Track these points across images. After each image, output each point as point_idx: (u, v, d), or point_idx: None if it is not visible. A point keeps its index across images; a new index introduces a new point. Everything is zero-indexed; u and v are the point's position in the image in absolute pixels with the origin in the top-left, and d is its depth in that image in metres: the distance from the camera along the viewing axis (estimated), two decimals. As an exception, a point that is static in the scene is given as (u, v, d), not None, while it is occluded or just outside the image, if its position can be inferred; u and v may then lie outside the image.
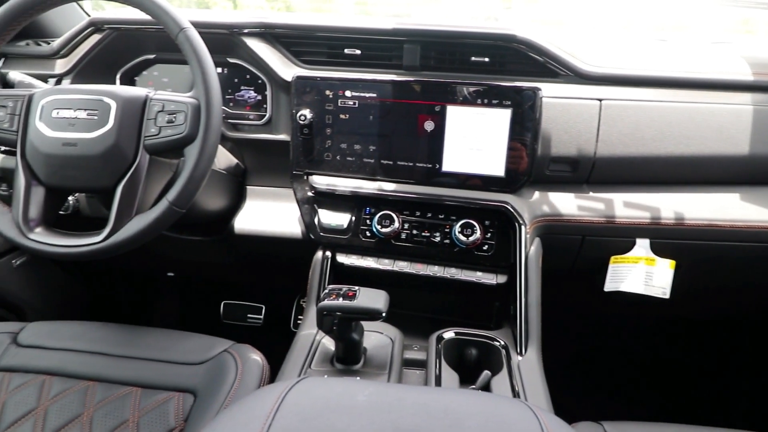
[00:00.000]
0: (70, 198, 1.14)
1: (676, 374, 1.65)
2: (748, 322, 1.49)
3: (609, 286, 1.09)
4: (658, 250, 1.06)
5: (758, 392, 1.48)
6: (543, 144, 1.04)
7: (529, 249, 1.01)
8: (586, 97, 1.05)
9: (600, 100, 1.04)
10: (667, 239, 1.06)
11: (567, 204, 1.07)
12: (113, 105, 0.83)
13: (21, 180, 0.84)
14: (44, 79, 1.16)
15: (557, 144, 1.05)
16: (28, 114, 0.85)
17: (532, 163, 1.02)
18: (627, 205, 1.06)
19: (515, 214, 1.02)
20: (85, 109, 0.83)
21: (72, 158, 0.82)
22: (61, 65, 1.19)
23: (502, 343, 0.93)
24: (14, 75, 1.05)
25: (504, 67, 1.08)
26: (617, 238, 1.07)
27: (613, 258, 1.08)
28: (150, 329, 0.97)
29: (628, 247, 1.07)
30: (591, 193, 1.08)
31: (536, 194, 1.08)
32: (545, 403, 0.80)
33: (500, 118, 1.01)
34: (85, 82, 1.17)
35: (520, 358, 0.91)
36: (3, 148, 1.15)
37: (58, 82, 1.18)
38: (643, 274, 1.06)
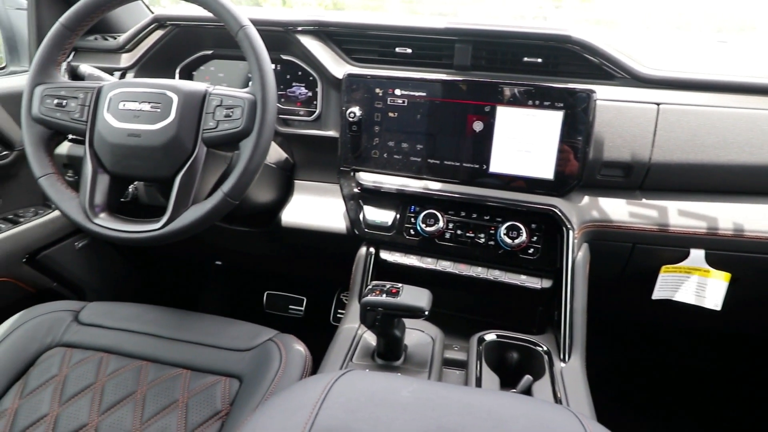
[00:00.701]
0: (129, 186, 1.20)
1: (721, 389, 1.58)
2: None
3: (658, 294, 1.06)
4: (714, 261, 1.02)
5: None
6: (595, 148, 1.01)
7: (577, 254, 0.99)
8: (643, 100, 1.01)
9: (658, 104, 1.01)
10: (724, 251, 1.01)
11: (618, 210, 1.04)
12: (175, 99, 0.86)
13: (88, 168, 0.89)
14: (110, 72, 1.22)
15: (610, 148, 1.02)
16: (97, 105, 0.90)
17: (582, 166, 1.00)
18: (682, 214, 1.02)
19: (563, 218, 1.00)
20: (149, 102, 0.87)
21: (135, 148, 0.86)
22: (125, 59, 1.25)
23: (545, 348, 0.92)
24: (84, 68, 1.11)
25: (557, 68, 1.06)
26: (670, 247, 1.03)
27: (664, 267, 1.05)
28: (200, 315, 1.01)
29: (681, 257, 1.03)
30: (644, 200, 1.04)
31: (586, 199, 1.05)
32: (589, 411, 0.79)
33: (551, 120, 0.99)
34: (146, 76, 1.23)
35: (563, 364, 0.90)
36: (71, 136, 1.23)
37: (123, 76, 1.24)
38: (695, 285, 1.03)
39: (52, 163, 0.92)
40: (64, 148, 1.26)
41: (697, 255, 1.02)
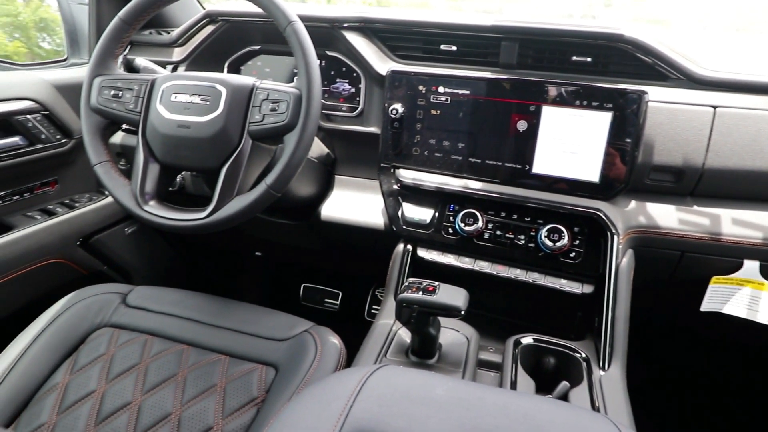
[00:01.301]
0: (178, 176, 1.24)
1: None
2: None
3: (707, 305, 1.01)
4: (769, 274, 0.97)
5: None
6: (645, 151, 0.98)
7: (621, 260, 0.96)
8: (699, 103, 0.97)
9: (714, 107, 0.96)
10: None
11: (667, 216, 1.00)
12: (224, 92, 0.88)
13: (140, 157, 0.93)
14: (163, 65, 1.26)
15: (661, 152, 0.98)
16: (150, 97, 0.94)
17: (631, 170, 0.96)
18: (736, 223, 0.97)
19: (608, 222, 0.97)
20: (200, 95, 0.89)
21: (185, 139, 0.89)
22: (178, 53, 1.29)
23: (584, 355, 0.89)
24: (140, 61, 1.16)
25: (607, 68, 1.03)
26: (722, 257, 0.99)
27: (714, 278, 1.00)
28: (240, 303, 1.03)
29: (734, 268, 0.98)
30: (695, 207, 1.00)
31: (632, 203, 1.02)
32: (628, 422, 0.76)
33: (599, 122, 0.97)
34: (197, 70, 1.27)
35: (602, 372, 0.87)
36: (125, 126, 1.28)
37: (174, 69, 1.29)
38: (748, 298, 0.98)
39: (107, 152, 0.97)
40: (117, 137, 1.32)
41: (751, 266, 0.97)
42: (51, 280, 1.24)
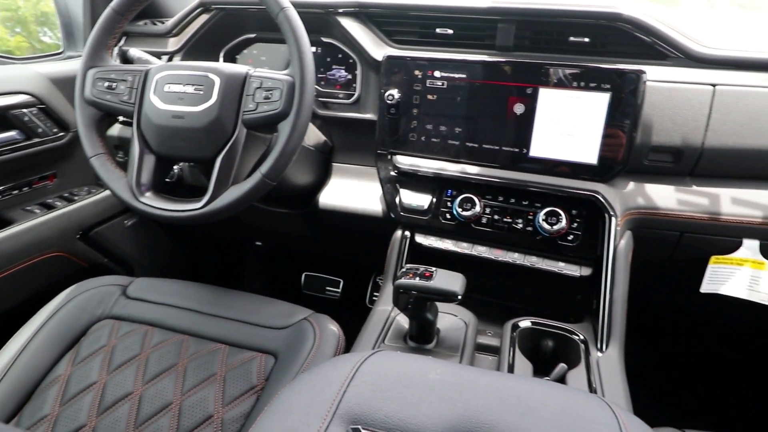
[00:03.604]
0: (175, 167, 1.24)
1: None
2: None
3: (706, 287, 1.01)
4: (769, 253, 0.96)
5: None
6: (643, 132, 0.97)
7: (619, 242, 0.96)
8: (698, 81, 0.96)
9: (713, 85, 0.95)
10: None
11: (666, 197, 0.99)
12: (217, 81, 0.88)
13: (136, 148, 0.92)
14: (158, 56, 1.26)
15: (659, 132, 0.97)
16: (144, 88, 0.93)
17: (629, 151, 0.95)
18: (735, 202, 0.96)
19: (606, 204, 0.96)
20: (193, 84, 0.89)
21: (179, 130, 0.89)
22: (173, 43, 1.28)
23: (582, 337, 0.89)
24: (134, 52, 1.16)
25: (605, 48, 1.01)
26: (721, 237, 0.98)
27: (713, 258, 1.00)
28: (239, 293, 1.04)
29: (733, 247, 0.98)
30: (694, 187, 0.99)
31: (631, 185, 1.01)
32: (625, 403, 0.76)
33: (597, 103, 0.96)
34: (192, 60, 1.26)
35: (600, 354, 0.87)
36: (121, 118, 1.28)
37: (170, 59, 1.28)
38: (747, 277, 0.97)
39: (102, 144, 0.96)
40: (115, 129, 1.32)
41: (751, 245, 0.96)
42: (52, 273, 1.24)
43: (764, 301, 0.97)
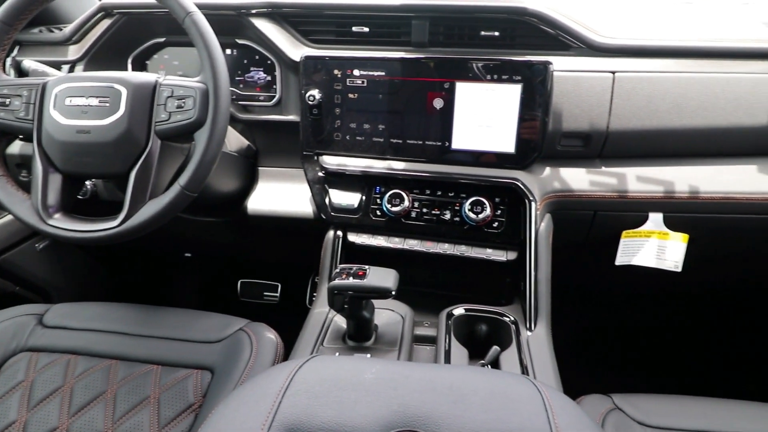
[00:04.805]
0: (87, 183, 1.17)
1: (685, 347, 1.64)
2: (759, 293, 1.48)
3: (620, 260, 1.09)
4: (671, 224, 1.05)
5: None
6: (554, 119, 1.02)
7: (540, 225, 1.01)
8: (599, 69, 1.02)
9: (613, 72, 1.02)
10: (681, 213, 1.04)
11: (578, 179, 1.06)
12: (124, 92, 0.84)
13: (38, 167, 0.86)
14: (58, 66, 1.17)
15: (569, 119, 1.03)
16: (43, 102, 0.87)
17: (542, 138, 1.01)
18: (640, 180, 1.04)
19: (525, 190, 1.01)
20: (97, 97, 0.84)
21: (86, 145, 0.84)
22: (73, 51, 1.20)
23: (512, 318, 0.94)
24: (28, 63, 1.07)
25: (514, 41, 1.06)
26: (629, 212, 1.06)
27: (624, 232, 1.07)
28: (169, 309, 1.00)
29: (641, 221, 1.06)
30: (603, 168, 1.06)
31: (547, 170, 1.07)
32: (553, 378, 0.81)
33: (510, 94, 1.00)
34: (97, 68, 1.19)
35: (529, 333, 0.92)
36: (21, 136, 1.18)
37: (72, 69, 1.20)
38: (655, 248, 1.06)
39: (0, 165, 0.89)
40: (16, 147, 1.22)
41: (655, 218, 1.05)
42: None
43: (670, 268, 1.06)
